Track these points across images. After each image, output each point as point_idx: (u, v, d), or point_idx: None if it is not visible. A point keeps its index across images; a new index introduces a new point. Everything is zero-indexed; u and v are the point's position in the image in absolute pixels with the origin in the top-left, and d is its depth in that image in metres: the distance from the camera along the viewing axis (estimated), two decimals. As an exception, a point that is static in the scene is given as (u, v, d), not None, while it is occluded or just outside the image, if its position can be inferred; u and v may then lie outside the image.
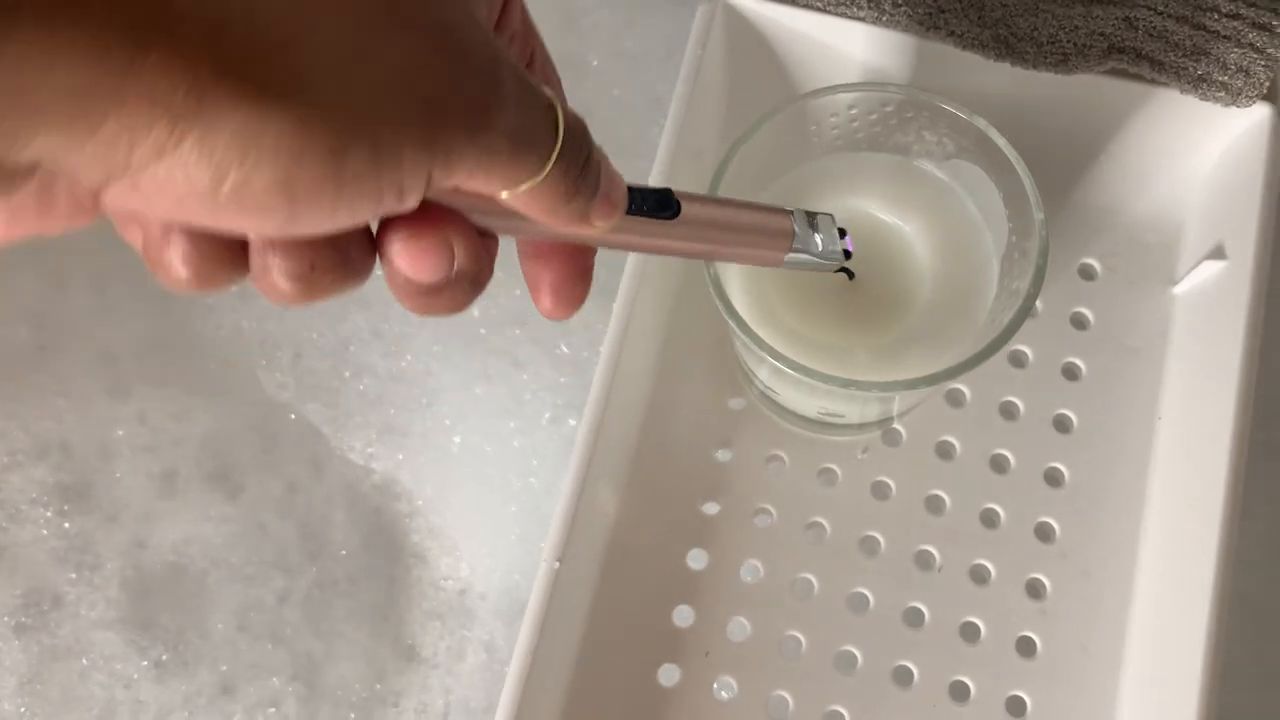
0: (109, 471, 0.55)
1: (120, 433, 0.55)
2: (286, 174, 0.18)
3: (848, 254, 0.35)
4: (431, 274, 0.24)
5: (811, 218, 0.34)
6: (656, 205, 0.28)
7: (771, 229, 0.32)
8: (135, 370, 0.57)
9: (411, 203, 0.21)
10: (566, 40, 0.60)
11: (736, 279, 0.41)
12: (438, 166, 0.21)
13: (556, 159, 0.23)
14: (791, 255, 0.33)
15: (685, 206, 0.28)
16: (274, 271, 0.22)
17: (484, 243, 0.25)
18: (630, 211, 0.27)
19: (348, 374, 0.56)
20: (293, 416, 0.55)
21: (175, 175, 0.18)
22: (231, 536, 0.54)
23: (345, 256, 0.22)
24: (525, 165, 0.23)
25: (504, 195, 0.23)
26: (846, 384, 0.37)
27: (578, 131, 0.24)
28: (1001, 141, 0.39)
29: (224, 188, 0.18)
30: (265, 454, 0.55)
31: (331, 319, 0.56)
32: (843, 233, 0.35)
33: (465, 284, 0.24)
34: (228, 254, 0.22)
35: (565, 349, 0.57)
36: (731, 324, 0.38)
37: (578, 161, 0.24)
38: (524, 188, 0.23)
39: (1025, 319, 0.37)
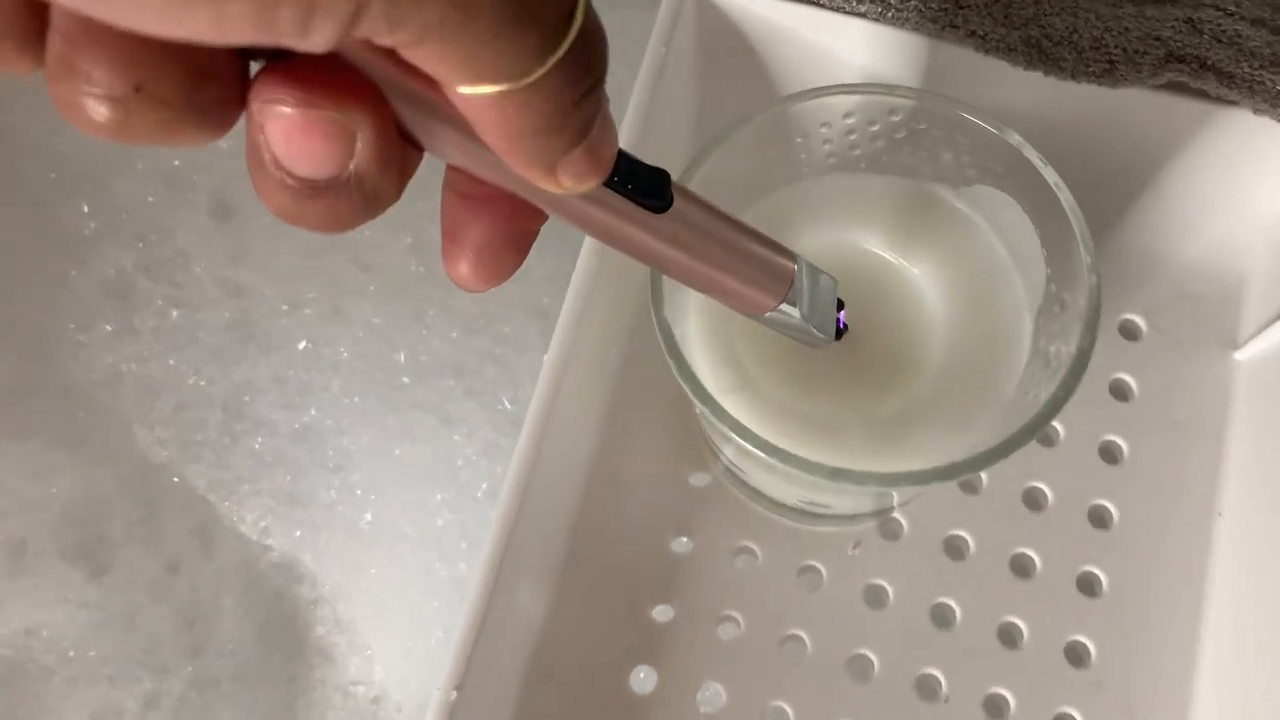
0: (-63, 540, 0.46)
1: (-44, 493, 0.46)
2: None
3: (839, 333, 0.29)
4: (313, 163, 0.17)
5: (815, 274, 0.28)
6: (647, 188, 0.22)
7: (770, 267, 0.26)
8: (-16, 417, 0.48)
9: (319, 39, 0.14)
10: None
11: (695, 323, 0.32)
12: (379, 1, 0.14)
13: (557, 64, 0.16)
14: (781, 308, 0.27)
15: (679, 202, 0.23)
16: (81, 77, 0.15)
17: (401, 148, 0.19)
18: (612, 185, 0.22)
19: (241, 429, 0.47)
20: (175, 480, 0.46)
21: None
22: (90, 625, 0.45)
23: (192, 91, 0.16)
24: (508, 54, 0.16)
25: (461, 91, 0.16)
26: (834, 475, 0.28)
27: (595, 38, 0.17)
28: (1041, 163, 0.30)
29: None
30: (140, 524, 0.46)
31: (223, 361, 0.47)
32: (840, 305, 0.29)
33: (356, 195, 0.18)
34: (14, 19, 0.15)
35: (508, 404, 0.48)
36: (684, 385, 0.29)
37: (581, 81, 0.17)
38: (493, 90, 0.16)
39: (1070, 395, 0.28)
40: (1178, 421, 0.39)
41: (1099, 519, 0.38)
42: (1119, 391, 0.40)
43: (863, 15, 0.37)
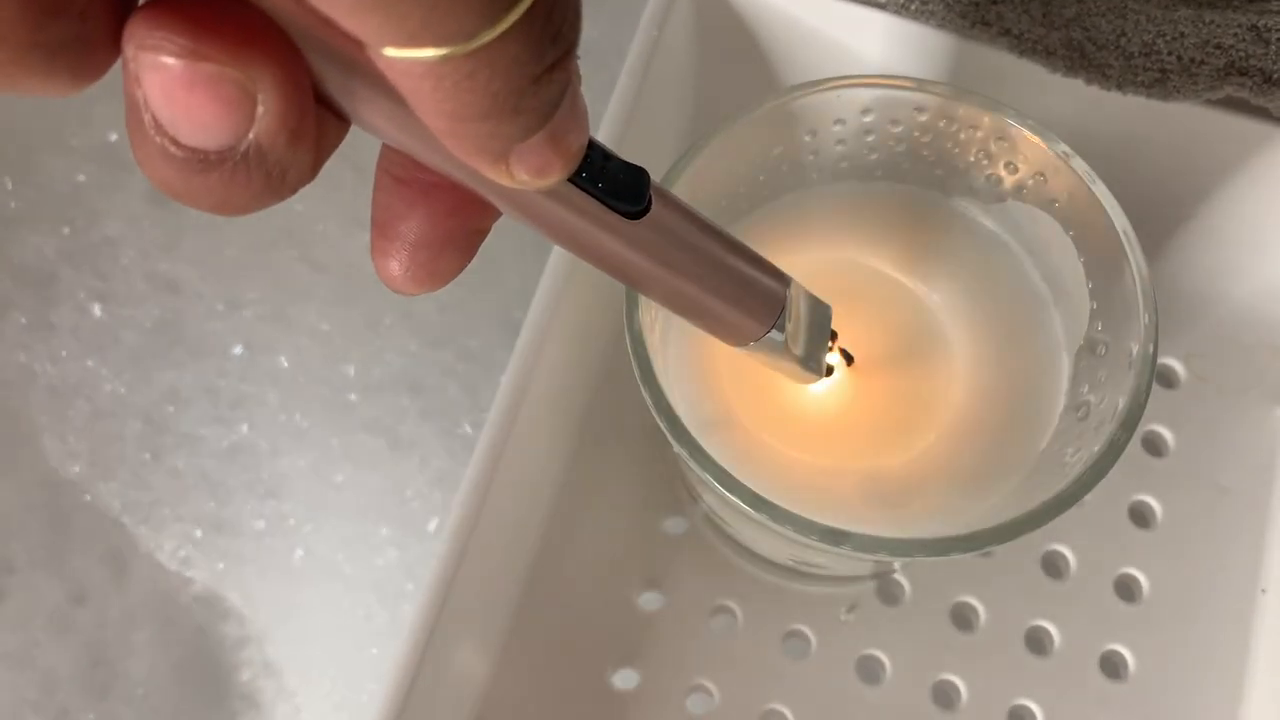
0: None
1: None
2: None
3: (829, 371, 0.27)
4: (202, 129, 0.14)
5: (809, 301, 0.25)
6: (621, 188, 0.19)
7: (759, 291, 0.23)
8: None
9: None
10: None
11: (677, 350, 0.28)
12: None
13: (513, 26, 0.13)
14: (768, 336, 0.23)
15: (659, 208, 0.20)
16: None
17: (317, 118, 0.15)
18: (579, 182, 0.18)
19: (163, 445, 0.42)
20: (86, 498, 0.42)
21: None
22: (-19, 659, 0.40)
23: (37, 27, 0.12)
24: (448, 8, 0.12)
25: (388, 55, 0.13)
26: (833, 538, 0.23)
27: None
28: (1090, 178, 0.26)
29: None
30: (43, 547, 0.41)
31: (147, 366, 0.42)
32: (833, 336, 0.26)
33: (256, 172, 0.15)
34: None
35: (470, 429, 0.43)
36: (660, 421, 0.24)
37: (544, 51, 0.14)
38: (429, 55, 0.13)
39: (1118, 457, 0.24)
40: (1218, 482, 0.35)
41: (1127, 591, 0.34)
42: (1153, 446, 0.35)
43: (882, 7, 0.33)
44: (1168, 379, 0.36)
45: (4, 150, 0.46)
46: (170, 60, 0.13)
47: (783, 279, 0.23)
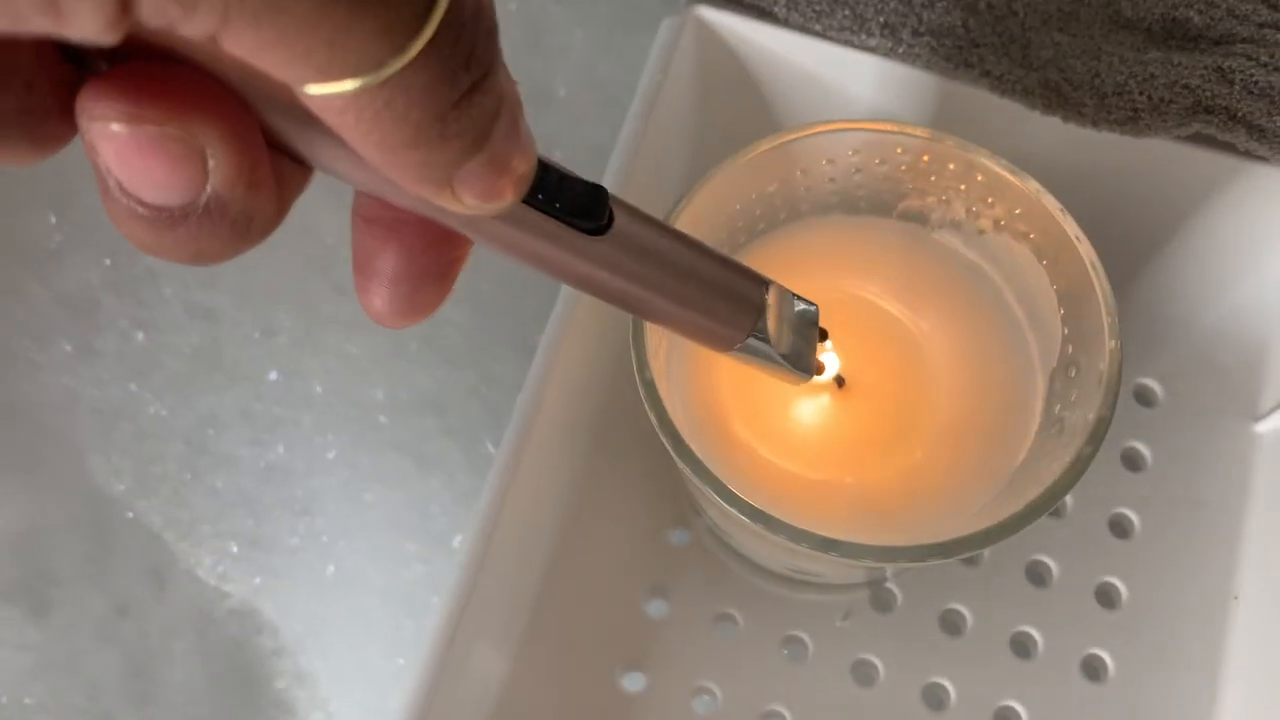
0: None
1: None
2: None
3: (821, 369, 0.27)
4: (159, 189, 0.15)
5: (789, 301, 0.25)
6: (576, 206, 0.19)
7: (734, 296, 0.23)
8: (-75, 437, 0.45)
9: (88, 23, 0.11)
10: (529, 62, 0.50)
11: (679, 371, 0.30)
12: None
13: (421, 53, 0.13)
14: (749, 342, 0.24)
15: (623, 222, 0.20)
16: None
17: (271, 164, 0.16)
18: (534, 203, 0.18)
19: (203, 465, 0.44)
20: (129, 515, 0.44)
21: None
22: (29, 669, 0.42)
23: None
24: (350, 41, 0.13)
25: (309, 92, 0.13)
26: (825, 546, 0.25)
27: (474, 19, 0.14)
28: (1060, 213, 0.28)
29: None
30: (88, 562, 0.43)
31: (187, 390, 0.45)
32: (824, 335, 0.26)
33: (220, 222, 0.15)
34: None
35: (491, 448, 0.45)
36: (664, 440, 0.27)
37: (458, 76, 0.14)
38: (345, 88, 0.13)
39: (1086, 469, 0.26)
40: (1194, 496, 0.37)
41: (1107, 598, 0.36)
42: (1132, 462, 0.37)
43: (872, 50, 0.35)
44: (1146, 398, 0.38)
45: (50, 186, 0.48)
46: (117, 127, 0.14)
47: (760, 281, 0.24)
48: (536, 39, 0.50)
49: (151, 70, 0.14)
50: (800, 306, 0.25)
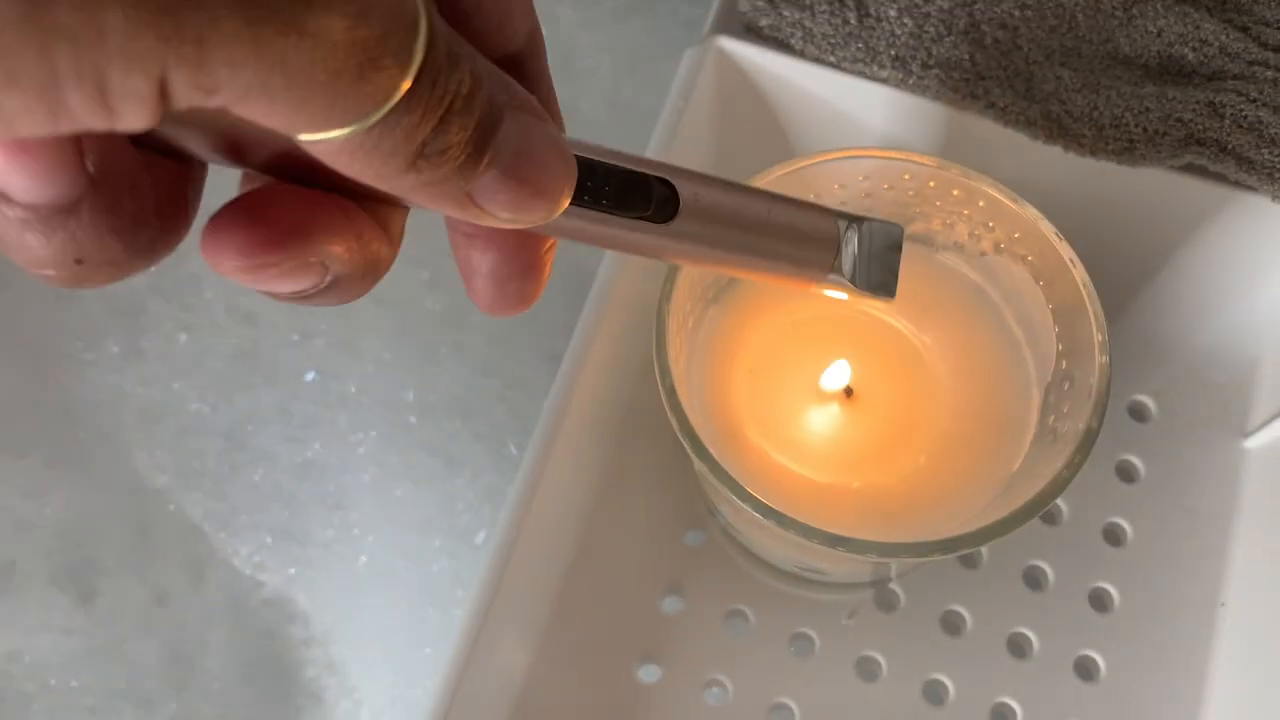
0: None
1: (-51, 508, 0.46)
2: None
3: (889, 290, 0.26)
4: (291, 289, 0.17)
5: (864, 228, 0.25)
6: (628, 200, 0.20)
7: (809, 238, 0.24)
8: (-17, 432, 0.47)
9: (132, 118, 0.13)
10: (558, 85, 0.52)
11: (698, 377, 0.32)
12: (179, 65, 0.12)
13: (402, 99, 0.15)
14: (830, 277, 0.24)
15: (691, 195, 0.21)
16: (28, 260, 0.15)
17: (378, 232, 0.18)
18: (585, 204, 0.19)
19: (241, 460, 0.46)
20: (170, 507, 0.46)
21: None
22: (74, 653, 0.44)
23: (130, 245, 0.16)
24: (340, 101, 0.14)
25: (302, 139, 0.15)
26: (832, 542, 0.27)
27: (443, 51, 0.15)
28: (1056, 237, 0.30)
29: None
30: (131, 551, 0.46)
31: (228, 389, 0.47)
32: (897, 248, 0.26)
33: (349, 288, 0.18)
34: None
35: (515, 449, 0.47)
36: (685, 442, 0.29)
37: (433, 110, 0.15)
38: (331, 135, 0.14)
39: (1075, 475, 0.28)
40: (1184, 506, 0.39)
41: (1100, 602, 0.38)
42: (1125, 473, 0.39)
43: (884, 81, 0.37)
44: (1140, 414, 0.40)
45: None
46: (244, 276, 0.17)
47: (832, 217, 0.24)
48: (566, 63, 0.52)
49: (265, 197, 0.17)
50: (880, 229, 0.25)
